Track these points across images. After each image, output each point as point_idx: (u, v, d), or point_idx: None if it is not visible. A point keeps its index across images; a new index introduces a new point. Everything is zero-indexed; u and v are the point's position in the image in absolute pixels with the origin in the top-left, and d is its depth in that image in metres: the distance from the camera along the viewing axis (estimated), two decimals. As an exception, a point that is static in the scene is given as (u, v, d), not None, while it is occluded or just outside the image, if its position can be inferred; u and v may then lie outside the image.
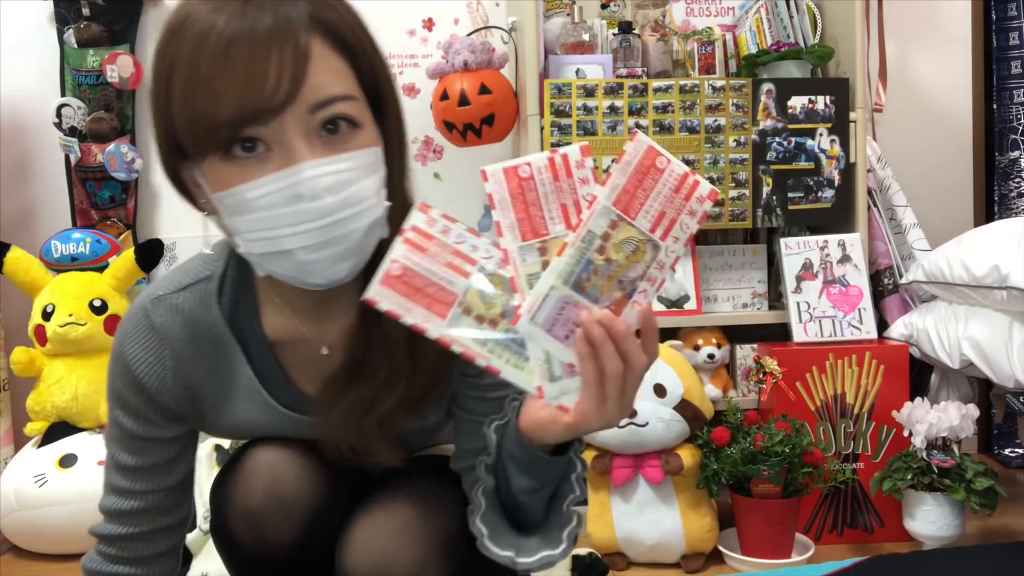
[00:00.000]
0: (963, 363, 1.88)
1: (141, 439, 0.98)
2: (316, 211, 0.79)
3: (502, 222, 0.75)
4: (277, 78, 0.77)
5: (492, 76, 2.16)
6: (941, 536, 1.78)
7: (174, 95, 0.79)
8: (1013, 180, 2.53)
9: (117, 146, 2.33)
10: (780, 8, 2.23)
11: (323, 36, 0.81)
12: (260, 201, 0.80)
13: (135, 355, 0.96)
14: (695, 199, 0.77)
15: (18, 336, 2.26)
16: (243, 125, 0.77)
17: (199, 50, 0.77)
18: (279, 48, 0.77)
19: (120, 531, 1.00)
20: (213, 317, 0.95)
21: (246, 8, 0.78)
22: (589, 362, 0.75)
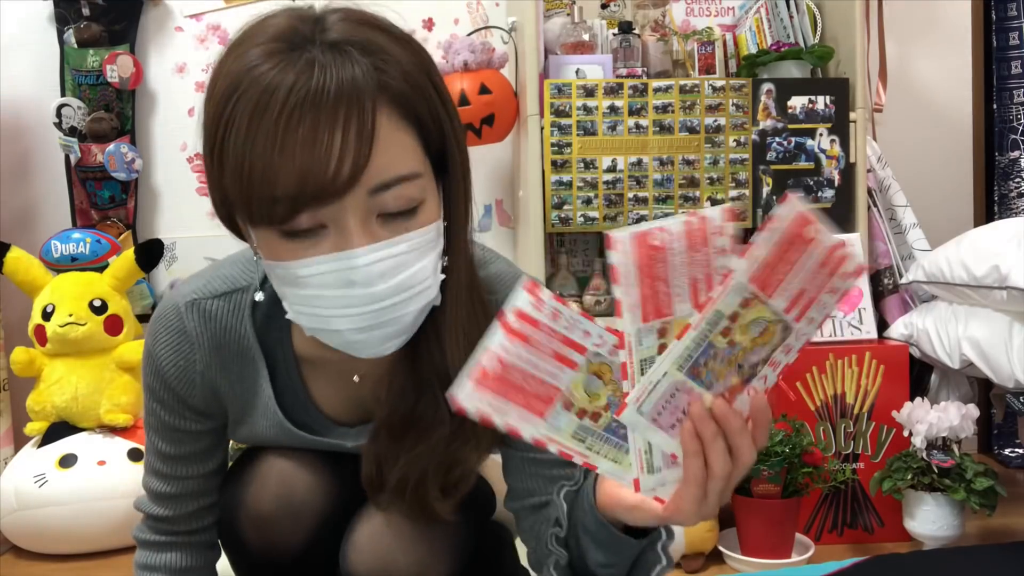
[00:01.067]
0: (963, 363, 1.88)
1: (175, 430, 0.99)
2: (368, 297, 0.76)
3: (624, 300, 0.64)
4: (340, 160, 0.71)
5: (492, 76, 2.16)
6: (941, 536, 1.78)
7: (227, 163, 0.74)
8: (1013, 180, 2.53)
9: (117, 146, 2.33)
10: (780, 8, 2.23)
11: (390, 107, 0.75)
12: (311, 280, 0.77)
13: (164, 356, 0.95)
14: (839, 275, 0.65)
15: (18, 336, 2.26)
16: (300, 207, 0.73)
17: (257, 120, 0.71)
18: (344, 125, 0.71)
19: (162, 512, 1.02)
20: (244, 329, 0.94)
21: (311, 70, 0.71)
22: (695, 459, 0.67)
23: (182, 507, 1.02)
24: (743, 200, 2.07)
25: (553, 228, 2.05)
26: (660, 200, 2.06)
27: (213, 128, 0.75)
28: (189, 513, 1.03)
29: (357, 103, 0.72)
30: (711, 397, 0.66)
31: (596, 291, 2.11)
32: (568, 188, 2.03)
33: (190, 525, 1.04)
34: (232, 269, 0.96)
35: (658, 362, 0.65)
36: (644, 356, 0.65)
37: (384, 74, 0.74)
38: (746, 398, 0.67)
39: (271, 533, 0.98)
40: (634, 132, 2.03)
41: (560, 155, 2.02)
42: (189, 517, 1.03)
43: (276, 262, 0.78)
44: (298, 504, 0.98)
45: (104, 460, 2.00)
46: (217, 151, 0.75)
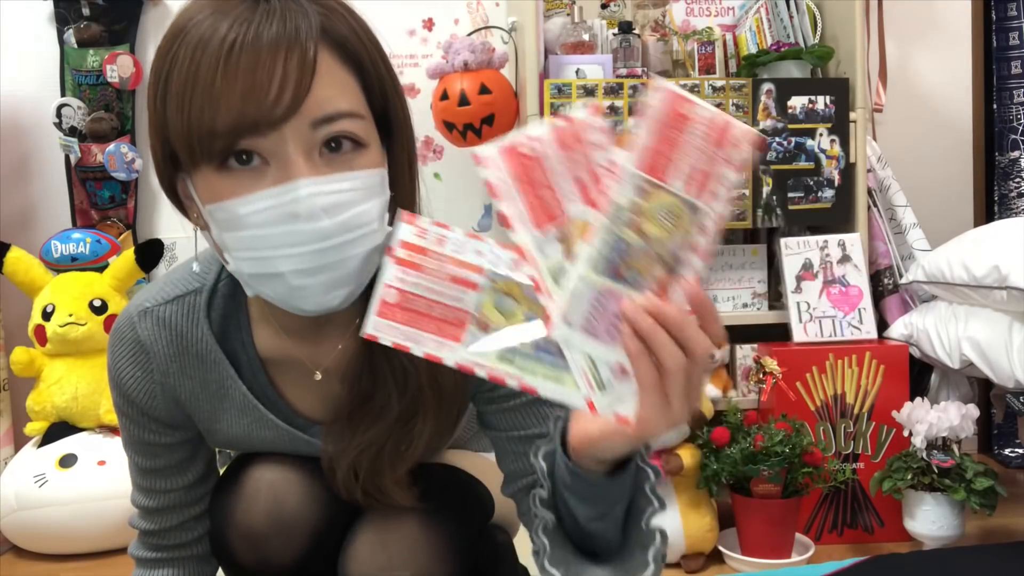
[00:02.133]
0: (963, 363, 1.88)
1: (147, 444, 0.98)
2: (312, 233, 0.74)
3: (509, 212, 0.62)
4: (280, 88, 0.72)
5: (492, 76, 2.16)
6: (941, 536, 1.78)
7: (170, 99, 0.75)
8: (1013, 180, 2.53)
9: (117, 146, 2.33)
10: (780, 8, 2.23)
11: (332, 49, 0.76)
12: (253, 218, 0.75)
13: (123, 369, 0.94)
14: (731, 146, 0.62)
15: (18, 336, 2.26)
16: (240, 135, 0.72)
17: (199, 54, 0.73)
18: (285, 57, 0.72)
19: (152, 527, 1.02)
20: (200, 332, 0.92)
21: (253, 14, 0.73)
22: (643, 359, 0.64)
23: (168, 520, 1.01)
24: (743, 200, 2.07)
25: (553, 228, 2.05)
26: (660, 200, 2.05)
27: (157, 72, 0.77)
28: (176, 526, 1.02)
29: (298, 38, 0.73)
30: (642, 296, 0.63)
31: (596, 291, 2.10)
32: (568, 188, 2.03)
33: (179, 538, 1.03)
34: (183, 273, 0.95)
35: (571, 268, 0.62)
36: (552, 265, 0.63)
37: (328, 20, 0.76)
38: (679, 291, 0.64)
39: (263, 550, 0.96)
40: (634, 132, 2.03)
41: (560, 155, 2.02)
42: (177, 530, 1.02)
43: (216, 204, 0.76)
44: (289, 518, 0.97)
45: (104, 460, 2.00)
46: (161, 93, 0.76)
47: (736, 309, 2.17)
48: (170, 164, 0.79)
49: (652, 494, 0.80)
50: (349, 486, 0.91)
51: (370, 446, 0.89)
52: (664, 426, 0.66)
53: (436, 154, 2.52)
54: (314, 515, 0.98)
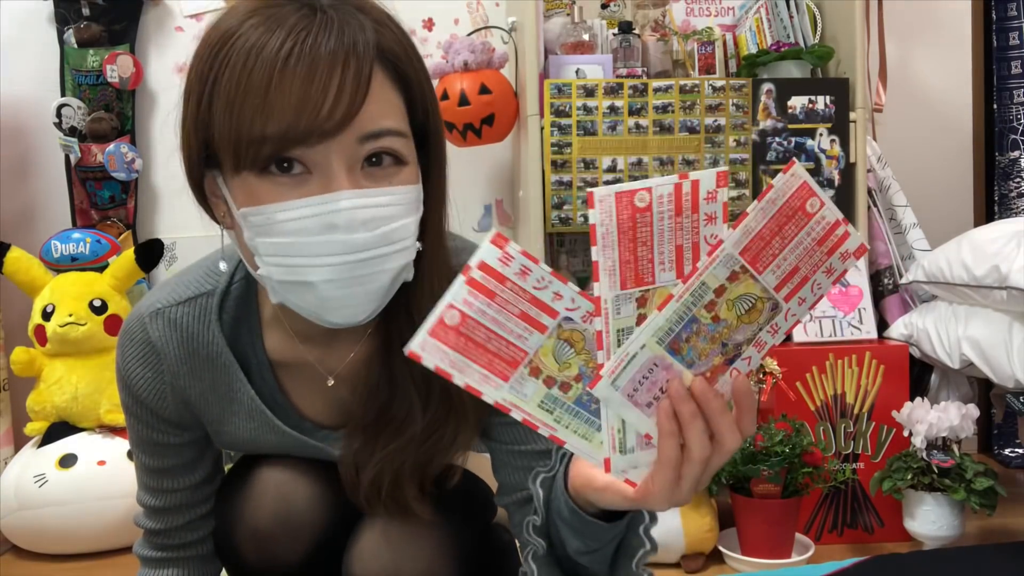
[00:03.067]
0: (963, 363, 1.88)
1: (156, 444, 0.98)
2: (348, 244, 0.75)
3: (601, 263, 0.59)
4: (335, 102, 0.72)
5: (492, 76, 2.16)
6: (941, 536, 1.78)
7: (217, 102, 0.74)
8: (1013, 180, 2.53)
9: (117, 146, 2.33)
10: (780, 8, 2.23)
11: (385, 66, 0.77)
12: (290, 224, 0.75)
13: (133, 370, 0.94)
14: (838, 255, 0.62)
15: (18, 336, 2.26)
16: (290, 145, 0.73)
17: (253, 60, 0.72)
18: (341, 70, 0.72)
19: (158, 526, 1.02)
20: (212, 334, 0.92)
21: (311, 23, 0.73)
22: (671, 440, 0.63)
23: (174, 519, 1.02)
24: (743, 200, 2.07)
25: (553, 228, 2.05)
26: (660, 200, 2.05)
27: (203, 73, 0.75)
28: (182, 525, 1.02)
29: (355, 51, 0.73)
30: (691, 375, 0.62)
31: (596, 291, 2.10)
32: (568, 188, 2.03)
33: (185, 538, 1.03)
34: (195, 275, 0.95)
35: (636, 333, 0.60)
36: (622, 326, 0.61)
37: (382, 35, 0.77)
38: (728, 379, 0.63)
39: (270, 550, 0.97)
40: (634, 132, 2.03)
41: (560, 155, 2.02)
42: (183, 529, 1.03)
43: (253, 208, 0.76)
44: (296, 519, 0.97)
45: (104, 460, 2.00)
46: (207, 94, 0.75)
47: (736, 309, 2.17)
48: (203, 163, 0.80)
49: (645, 535, 0.80)
50: (371, 500, 0.91)
51: (392, 461, 0.88)
52: (667, 503, 0.66)
53: (436, 154, 2.52)
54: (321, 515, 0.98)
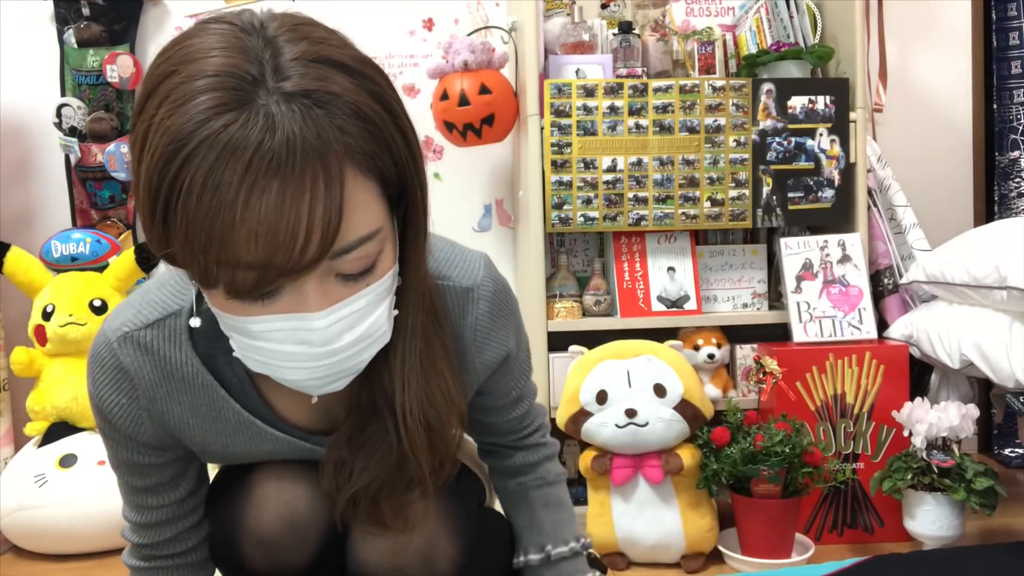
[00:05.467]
0: (963, 363, 1.88)
1: (136, 465, 0.96)
2: (324, 354, 0.74)
3: None
4: (306, 238, 0.65)
5: (492, 76, 2.16)
6: (941, 536, 1.78)
7: (176, 229, 0.65)
8: (1013, 180, 2.53)
9: (117, 146, 2.33)
10: (780, 8, 2.23)
11: (354, 166, 0.68)
12: (264, 335, 0.73)
13: (106, 397, 0.90)
14: None
15: (18, 336, 2.26)
16: (266, 283, 0.68)
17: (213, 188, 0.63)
18: (311, 195, 0.64)
19: (143, 541, 1.01)
20: (185, 355, 0.88)
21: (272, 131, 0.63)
22: None
23: (162, 534, 1.00)
24: (743, 200, 2.07)
25: (553, 228, 2.05)
26: (660, 200, 2.06)
27: (155, 190, 0.65)
28: (170, 538, 1.01)
29: (324, 171, 0.65)
30: None
31: (596, 291, 2.10)
32: (568, 188, 2.03)
33: (174, 549, 1.02)
34: (160, 294, 0.89)
35: None
36: None
37: (348, 134, 0.67)
38: None
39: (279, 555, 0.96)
40: (634, 132, 2.03)
41: (560, 155, 2.02)
42: (171, 542, 1.01)
43: (228, 316, 0.73)
44: (303, 520, 0.96)
45: (104, 460, 1.99)
46: (160, 215, 0.66)
47: (736, 309, 2.17)
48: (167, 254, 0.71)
49: None
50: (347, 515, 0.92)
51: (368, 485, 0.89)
52: None
53: (436, 154, 2.52)
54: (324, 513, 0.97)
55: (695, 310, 2.09)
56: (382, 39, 2.50)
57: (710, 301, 2.17)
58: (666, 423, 1.77)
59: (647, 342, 1.88)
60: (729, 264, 2.18)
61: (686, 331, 2.11)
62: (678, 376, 1.81)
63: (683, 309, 2.09)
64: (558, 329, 2.05)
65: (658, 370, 1.81)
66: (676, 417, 1.78)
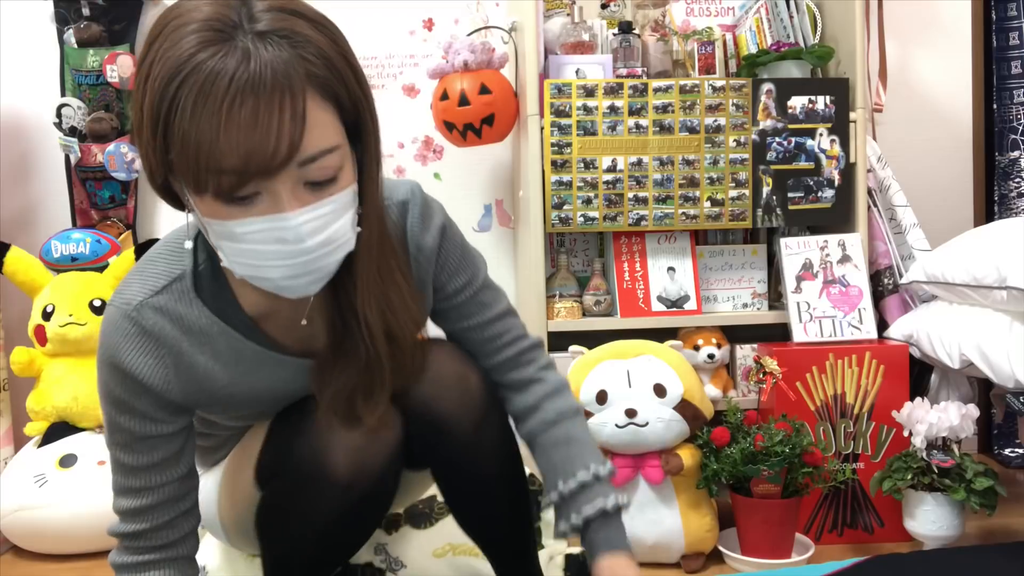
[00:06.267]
0: (963, 363, 1.88)
1: (148, 438, 1.03)
2: (299, 251, 0.89)
3: None
4: (276, 143, 0.83)
5: (492, 76, 2.16)
6: (941, 536, 1.78)
7: (173, 141, 0.84)
8: (1013, 180, 2.53)
9: (117, 146, 2.33)
10: (780, 8, 2.23)
11: (315, 90, 0.86)
12: (247, 236, 0.88)
13: (134, 361, 0.99)
14: None
15: (18, 336, 2.27)
16: (246, 181, 0.84)
17: (202, 105, 0.81)
18: (279, 111, 0.83)
19: (140, 527, 1.05)
20: (198, 311, 1.01)
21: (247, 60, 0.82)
22: None
23: (160, 516, 1.05)
24: (743, 200, 2.07)
25: (553, 228, 2.05)
26: (660, 200, 2.06)
27: (157, 108, 0.84)
28: (167, 522, 1.06)
29: (290, 91, 0.83)
30: None
31: (596, 291, 2.11)
32: (568, 188, 2.03)
33: (169, 536, 1.06)
34: (158, 265, 1.03)
35: None
36: None
37: (309, 64, 0.85)
38: None
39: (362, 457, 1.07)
40: (634, 132, 2.03)
41: (560, 155, 2.02)
42: (168, 527, 1.06)
43: (216, 221, 0.89)
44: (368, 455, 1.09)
45: (104, 460, 2.00)
46: (161, 130, 0.84)
47: (736, 309, 2.17)
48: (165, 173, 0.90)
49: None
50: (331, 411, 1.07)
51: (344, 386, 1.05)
52: None
53: (436, 154, 2.52)
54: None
55: (695, 310, 2.09)
56: (382, 39, 2.50)
57: (710, 301, 2.17)
58: (666, 423, 1.77)
59: (647, 342, 1.88)
60: (729, 264, 2.18)
61: (686, 331, 2.11)
62: (678, 376, 1.81)
63: (683, 309, 2.09)
64: (558, 329, 2.05)
65: (658, 370, 1.81)
66: (676, 417, 1.78)
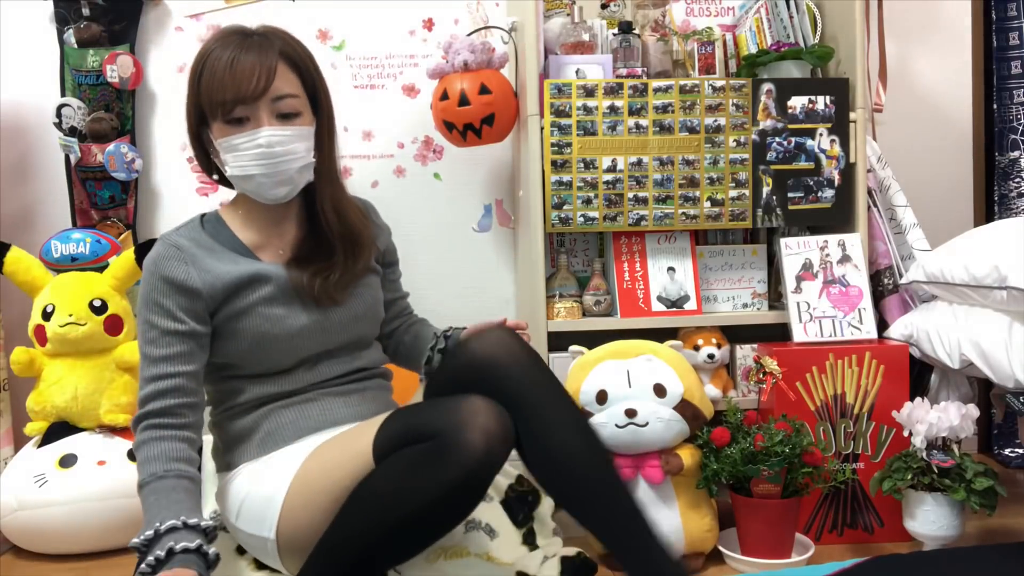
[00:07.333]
0: (963, 363, 1.88)
1: (170, 333, 1.38)
2: (269, 155, 1.42)
3: None
4: (256, 82, 1.39)
5: (492, 76, 2.16)
6: (941, 536, 1.78)
7: (203, 84, 1.41)
8: (1013, 180, 2.53)
9: (117, 146, 2.33)
10: (780, 8, 2.23)
11: (285, 62, 1.44)
12: (240, 146, 1.42)
13: (169, 266, 1.41)
14: None
15: (18, 336, 2.26)
16: (237, 105, 1.40)
17: (216, 63, 1.40)
18: (259, 67, 1.40)
19: (159, 406, 1.35)
20: (203, 236, 1.48)
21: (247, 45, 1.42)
22: None
23: (175, 398, 1.35)
24: (743, 200, 2.07)
25: (553, 228, 2.05)
26: (660, 200, 2.06)
27: (198, 64, 1.43)
28: (180, 404, 1.36)
29: (268, 54, 1.41)
30: None
31: (596, 291, 2.11)
32: (568, 188, 2.03)
33: (181, 417, 1.36)
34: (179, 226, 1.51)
35: None
36: None
37: (282, 46, 1.45)
38: None
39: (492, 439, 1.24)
40: (634, 132, 2.04)
41: (560, 155, 2.02)
42: (181, 408, 1.36)
43: (223, 139, 1.42)
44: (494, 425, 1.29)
45: (104, 460, 2.00)
46: (196, 79, 1.43)
47: (736, 309, 2.17)
48: (198, 122, 1.46)
49: None
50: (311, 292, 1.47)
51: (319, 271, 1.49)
52: None
53: (436, 154, 2.52)
54: None
55: (695, 310, 2.10)
56: (382, 39, 2.50)
57: (710, 301, 2.17)
58: (666, 423, 1.77)
59: (647, 342, 1.88)
60: (729, 264, 2.18)
61: (686, 331, 2.11)
62: (678, 376, 1.81)
63: (683, 309, 2.09)
64: (558, 329, 2.05)
65: (658, 370, 1.81)
66: (676, 417, 1.78)
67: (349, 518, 1.27)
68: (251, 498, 1.39)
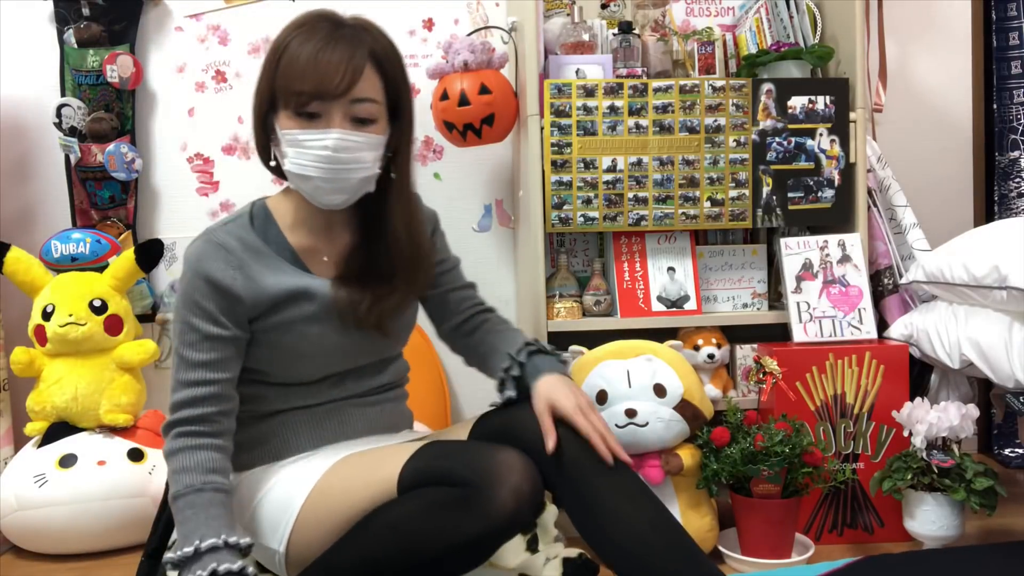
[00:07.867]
0: (963, 363, 1.88)
1: (210, 338, 1.31)
2: (333, 159, 1.30)
3: None
4: (339, 80, 1.28)
5: (492, 76, 2.16)
6: (941, 536, 1.78)
7: (280, 70, 1.30)
8: (1013, 180, 2.53)
9: (117, 146, 2.33)
10: (780, 8, 2.23)
11: (372, 62, 1.32)
12: (305, 143, 1.30)
13: (214, 267, 1.32)
14: None
15: (18, 336, 2.27)
16: (313, 99, 1.29)
17: (299, 51, 1.29)
18: (346, 64, 1.28)
19: (195, 413, 1.30)
20: (252, 237, 1.38)
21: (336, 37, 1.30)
22: None
23: (211, 406, 1.30)
24: (743, 200, 2.07)
25: (553, 228, 2.05)
26: (660, 200, 2.06)
27: (275, 51, 1.32)
28: (216, 412, 1.31)
29: (357, 52, 1.30)
30: None
31: (596, 291, 2.11)
32: (568, 188, 2.03)
33: (216, 426, 1.31)
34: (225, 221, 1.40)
35: None
36: None
37: (374, 45, 1.33)
38: None
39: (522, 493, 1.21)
40: (634, 132, 2.03)
41: (560, 155, 2.02)
42: (217, 416, 1.31)
43: (287, 131, 1.31)
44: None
45: (104, 460, 2.00)
46: (277, 57, 1.31)
47: (736, 309, 2.17)
48: (267, 106, 1.34)
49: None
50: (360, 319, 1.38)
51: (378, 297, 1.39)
52: None
53: (436, 154, 2.52)
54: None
55: (695, 310, 2.09)
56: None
57: (710, 301, 2.17)
58: (666, 423, 1.77)
59: (647, 342, 1.88)
60: (729, 264, 2.18)
61: (686, 331, 2.11)
62: (678, 376, 1.81)
63: (683, 309, 2.09)
64: (558, 329, 2.05)
65: (658, 370, 1.81)
66: (676, 417, 1.78)
67: (358, 541, 1.26)
68: (265, 503, 1.36)
